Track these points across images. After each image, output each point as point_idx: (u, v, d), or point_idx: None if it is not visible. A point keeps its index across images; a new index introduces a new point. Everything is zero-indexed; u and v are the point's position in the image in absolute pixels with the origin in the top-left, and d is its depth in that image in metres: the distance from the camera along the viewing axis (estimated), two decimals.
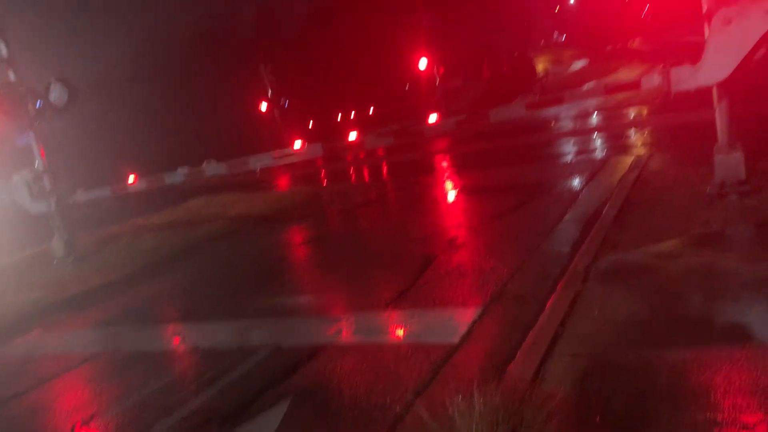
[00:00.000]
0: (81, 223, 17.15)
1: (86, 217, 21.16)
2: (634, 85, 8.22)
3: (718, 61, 6.62)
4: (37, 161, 12.34)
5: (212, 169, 13.49)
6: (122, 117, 37.10)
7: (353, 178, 21.63)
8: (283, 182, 23.64)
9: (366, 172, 22.16)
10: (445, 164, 18.15)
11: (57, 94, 12.20)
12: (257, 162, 12.36)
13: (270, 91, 45.04)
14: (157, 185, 13.91)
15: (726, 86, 6.96)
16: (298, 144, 21.45)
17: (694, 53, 7.39)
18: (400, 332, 5.73)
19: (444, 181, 14.79)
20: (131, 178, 13.92)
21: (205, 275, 10.23)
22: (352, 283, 7.72)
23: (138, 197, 22.12)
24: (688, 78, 6.98)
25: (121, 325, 8.01)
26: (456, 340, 5.16)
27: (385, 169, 20.99)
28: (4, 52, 11.82)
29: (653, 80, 7.70)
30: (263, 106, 44.76)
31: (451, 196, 12.72)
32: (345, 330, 6.07)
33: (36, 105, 12.22)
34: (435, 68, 37.20)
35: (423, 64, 36.32)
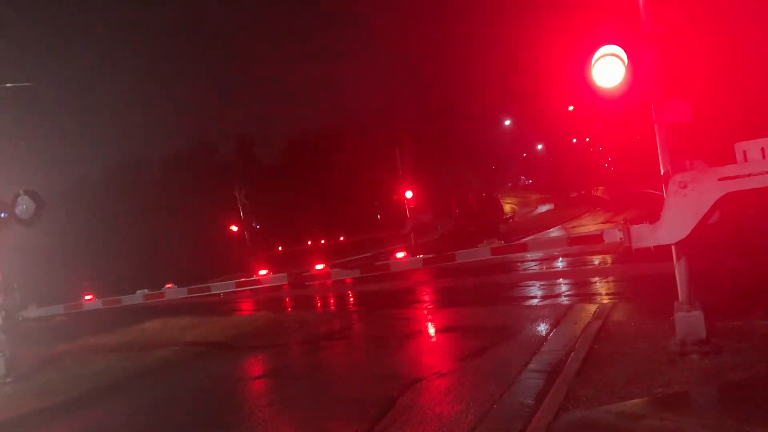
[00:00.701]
0: (28, 339, 16.38)
1: (35, 333, 20.26)
2: (596, 238, 8.41)
3: (675, 222, 6.87)
4: None
5: (173, 292, 13.14)
6: (84, 234, 36.74)
7: (318, 307, 21.34)
8: (246, 307, 23.20)
9: (331, 303, 21.92)
10: (410, 300, 18.08)
11: (23, 207, 12.08)
12: (219, 288, 12.17)
13: (242, 214, 45.46)
14: (114, 305, 13.45)
15: (684, 246, 7.18)
16: (263, 272, 21.30)
17: (654, 206, 7.67)
18: None
19: (409, 317, 14.64)
20: (87, 297, 13.51)
21: (150, 406, 9.65)
22: (306, 424, 7.34)
23: (92, 316, 21.39)
24: (647, 236, 7.19)
25: None
26: None
27: (350, 301, 20.80)
28: None
29: (614, 235, 7.91)
30: (234, 228, 44.95)
31: (416, 333, 12.54)
32: None
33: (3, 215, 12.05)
34: (406, 201, 38.21)
35: (396, 195, 37.33)
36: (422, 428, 6.51)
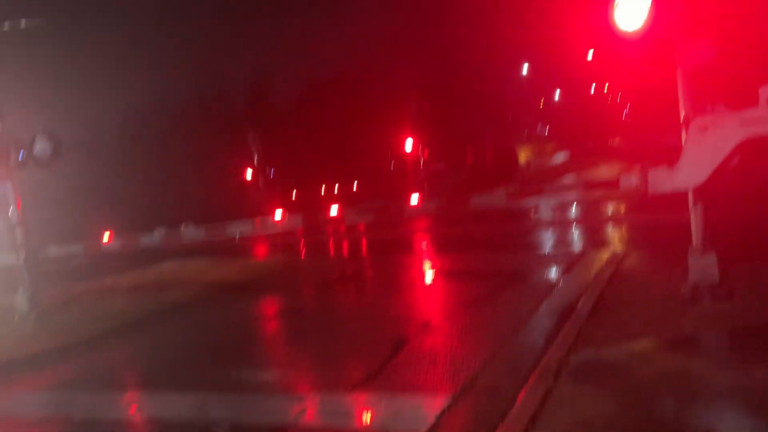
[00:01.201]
0: (49, 279, 16.75)
1: (55, 273, 20.71)
2: (613, 183, 8.41)
3: (693, 166, 6.81)
4: (11, 212, 12.15)
5: (190, 233, 13.39)
6: (103, 175, 37.01)
7: (331, 251, 21.56)
8: (261, 251, 23.48)
9: (345, 247, 22.12)
10: (423, 245, 18.21)
11: (41, 147, 12.16)
12: (237, 229, 12.26)
13: (256, 159, 45.49)
14: (132, 246, 13.75)
15: (701, 191, 7.13)
16: (279, 214, 21.49)
17: (671, 155, 7.61)
18: (366, 417, 5.55)
19: (421, 262, 14.79)
20: (106, 237, 13.74)
21: (169, 343, 9.92)
22: (319, 361, 7.52)
23: (111, 256, 21.78)
24: (664, 180, 7.14)
25: (77, 389, 7.66)
26: (423, 429, 4.99)
27: (363, 245, 20.98)
28: None
29: (631, 180, 7.87)
30: (248, 174, 45.07)
31: (428, 277, 12.68)
32: (309, 410, 5.86)
33: (18, 156, 12.16)
34: (420, 151, 37.99)
35: (409, 145, 37.08)
36: (433, 366, 6.66)
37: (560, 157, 55.91)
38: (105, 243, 12.75)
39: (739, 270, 7.87)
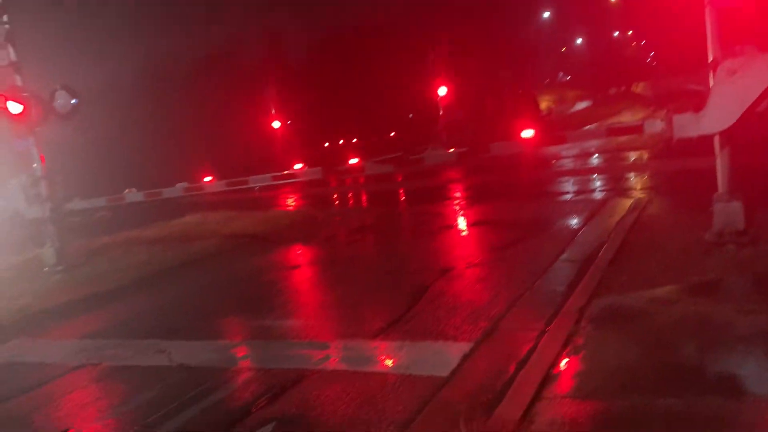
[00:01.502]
0: (75, 232, 17.05)
1: (80, 226, 21.05)
2: (637, 129, 8.22)
3: (721, 110, 6.66)
4: (35, 166, 12.30)
5: (211, 185, 13.47)
6: (125, 128, 37.13)
7: (351, 202, 21.64)
8: (281, 202, 23.62)
9: (364, 198, 22.17)
10: (444, 194, 18.16)
11: (61, 101, 12.22)
12: (257, 181, 12.29)
13: (274, 111, 45.35)
14: (154, 199, 13.84)
15: (728, 136, 6.98)
16: (298, 166, 21.54)
17: (697, 101, 7.43)
18: (389, 362, 5.64)
19: (442, 212, 14.77)
20: (129, 190, 13.89)
21: (194, 293, 10.13)
22: (342, 309, 7.63)
23: (134, 210, 22.03)
24: (690, 125, 7.00)
25: (107, 337, 7.88)
26: (445, 373, 5.07)
27: (383, 196, 20.98)
28: (13, 56, 11.86)
29: (655, 125, 7.71)
30: (266, 125, 45.02)
31: (448, 226, 12.69)
32: (333, 357, 5.97)
33: (40, 110, 12.22)
34: (439, 100, 37.51)
35: (429, 94, 36.60)
36: (454, 313, 6.72)
37: (582, 105, 54.93)
38: (128, 193, 12.86)
39: (765, 216, 7.76)
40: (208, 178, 13.39)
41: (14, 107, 11.71)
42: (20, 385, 6.43)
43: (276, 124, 44.58)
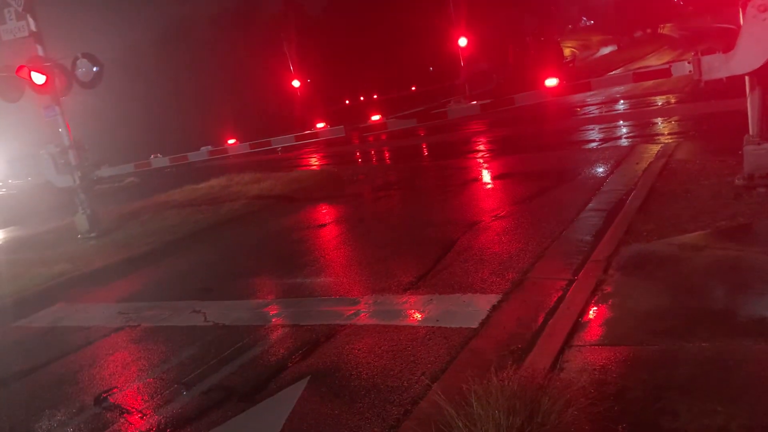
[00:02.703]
0: (105, 199, 17.37)
1: (110, 192, 21.43)
2: (664, 72, 8.02)
3: (751, 49, 6.48)
4: (63, 135, 12.49)
5: (235, 148, 13.57)
6: (149, 94, 37.32)
7: (374, 159, 21.62)
8: (305, 162, 23.70)
9: (387, 155, 22.12)
10: (468, 148, 18.04)
11: (83, 69, 12.31)
12: (279, 142, 12.30)
13: (293, 69, 45.07)
14: (179, 163, 13.99)
15: (759, 75, 6.80)
16: (321, 125, 21.56)
17: (726, 40, 7.23)
18: (419, 316, 5.74)
19: (467, 165, 14.71)
20: (155, 155, 14.08)
21: (225, 253, 10.32)
22: (371, 265, 7.73)
23: (160, 175, 22.33)
24: (719, 66, 6.84)
25: (143, 300, 8.12)
26: (475, 325, 5.15)
27: (407, 152, 20.92)
28: (33, 26, 11.93)
29: (683, 68, 7.53)
30: (287, 84, 44.81)
31: (474, 180, 12.65)
32: (363, 312, 6.08)
33: (63, 79, 12.33)
34: (460, 51, 36.86)
35: (447, 46, 35.98)
36: (482, 265, 6.77)
37: (607, 50, 53.63)
38: (154, 159, 13.00)
39: None
40: (231, 141, 13.48)
41: (38, 78, 11.85)
42: (64, 348, 6.69)
43: (296, 83, 44.30)
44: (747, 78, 6.92)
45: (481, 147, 18.00)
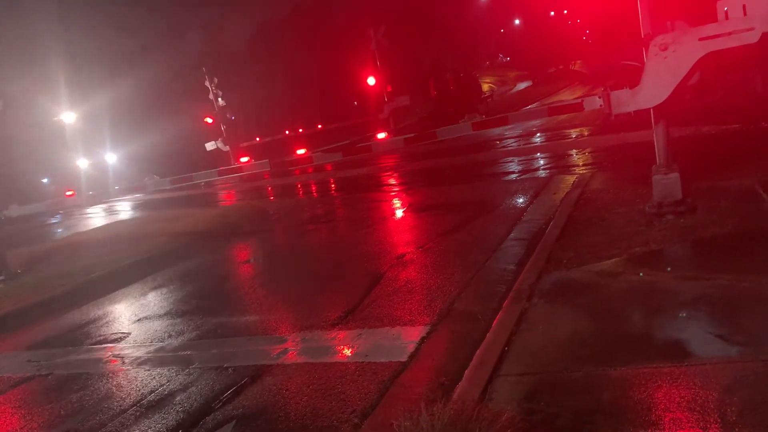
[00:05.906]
0: (14, 240, 16.41)
1: (20, 232, 20.30)
2: (577, 107, 8.42)
3: (655, 85, 6.86)
4: None
5: (155, 184, 13.17)
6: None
7: (300, 193, 21.50)
8: (229, 197, 23.29)
9: (314, 188, 22.05)
10: (392, 181, 18.24)
11: None
12: (202, 177, 12.04)
13: (216, 107, 44.43)
14: (98, 200, 13.47)
15: (663, 109, 7.21)
16: (244, 159, 21.35)
17: (632, 76, 7.65)
18: (348, 352, 5.66)
19: (391, 198, 14.84)
20: (70, 192, 13.52)
21: (148, 293, 9.90)
22: (298, 302, 7.60)
23: (71, 214, 21.39)
24: (627, 101, 7.20)
25: (55, 347, 7.65)
26: (404, 358, 5.13)
27: (332, 185, 20.94)
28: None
29: (595, 102, 7.90)
30: (209, 120, 44.10)
31: (399, 213, 12.76)
32: (291, 350, 5.95)
33: None
34: (383, 86, 37.42)
35: (371, 81, 36.48)
36: (410, 297, 6.78)
37: (523, 85, 55.74)
38: (68, 196, 12.49)
39: (702, 184, 8.09)
40: (152, 178, 13.10)
41: None
42: None
43: (210, 120, 43.85)
44: (652, 111, 7.33)
45: (406, 180, 18.23)
